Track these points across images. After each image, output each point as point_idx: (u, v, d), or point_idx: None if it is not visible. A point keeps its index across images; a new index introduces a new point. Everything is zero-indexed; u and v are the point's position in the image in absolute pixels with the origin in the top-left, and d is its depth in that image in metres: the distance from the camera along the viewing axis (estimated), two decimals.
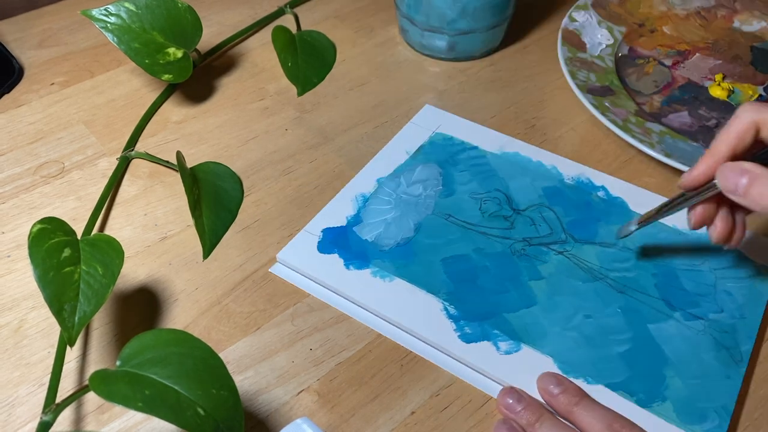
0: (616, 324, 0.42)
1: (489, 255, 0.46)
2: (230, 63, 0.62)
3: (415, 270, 0.45)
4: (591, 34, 0.61)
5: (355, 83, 0.60)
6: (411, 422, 0.38)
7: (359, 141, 0.54)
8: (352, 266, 0.45)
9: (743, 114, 0.38)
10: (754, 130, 0.37)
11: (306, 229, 0.47)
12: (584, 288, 0.44)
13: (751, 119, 0.37)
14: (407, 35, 0.63)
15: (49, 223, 0.39)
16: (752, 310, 0.43)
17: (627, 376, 0.40)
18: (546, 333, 0.42)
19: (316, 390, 0.40)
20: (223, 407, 0.33)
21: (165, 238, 0.47)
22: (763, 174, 0.35)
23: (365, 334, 0.42)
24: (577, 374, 0.40)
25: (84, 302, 0.37)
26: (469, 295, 0.43)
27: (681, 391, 0.39)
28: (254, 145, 0.54)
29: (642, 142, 0.50)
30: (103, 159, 0.53)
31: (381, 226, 0.47)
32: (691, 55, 0.61)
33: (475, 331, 0.42)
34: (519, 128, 0.55)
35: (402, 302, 0.43)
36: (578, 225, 0.47)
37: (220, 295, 0.44)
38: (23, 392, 0.39)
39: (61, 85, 0.59)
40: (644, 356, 0.41)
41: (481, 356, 0.40)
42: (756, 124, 0.37)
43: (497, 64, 0.62)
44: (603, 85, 0.56)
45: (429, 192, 0.49)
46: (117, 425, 0.38)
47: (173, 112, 0.57)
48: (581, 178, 0.50)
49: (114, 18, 0.53)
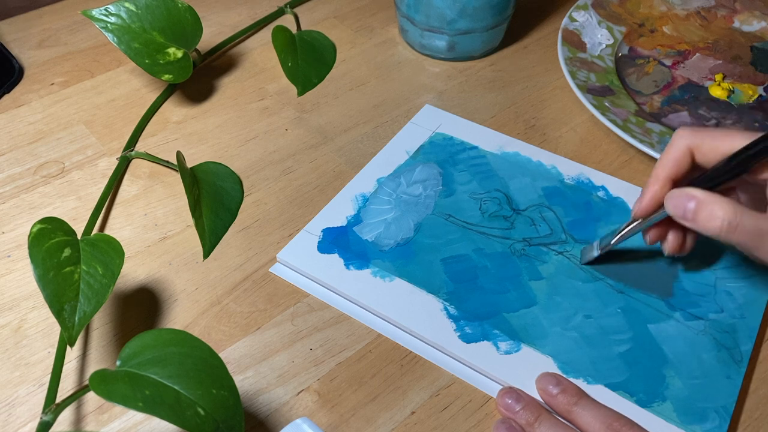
0: (616, 324, 0.42)
1: (489, 255, 0.46)
2: (230, 63, 0.62)
3: (415, 270, 0.45)
4: (591, 34, 0.61)
5: (355, 83, 0.60)
6: (411, 422, 0.38)
7: (359, 141, 0.54)
8: (352, 266, 0.45)
9: (678, 140, 0.39)
10: (689, 156, 0.39)
11: (306, 229, 0.47)
12: (584, 288, 0.44)
13: (686, 146, 0.39)
14: (407, 35, 0.63)
15: (49, 223, 0.39)
16: (752, 310, 0.43)
17: (627, 376, 0.40)
18: (546, 333, 0.42)
19: (316, 390, 0.40)
20: (223, 407, 0.33)
21: (165, 238, 0.47)
22: (708, 199, 0.37)
23: (365, 334, 0.42)
24: (577, 374, 0.40)
25: (84, 302, 0.37)
26: (469, 295, 0.43)
27: (681, 391, 0.39)
28: (254, 145, 0.54)
29: (642, 142, 0.50)
30: (103, 159, 0.53)
31: (381, 226, 0.47)
32: (691, 55, 0.61)
33: (475, 331, 0.42)
34: (519, 128, 0.55)
35: (402, 302, 0.43)
36: (578, 225, 0.47)
37: (220, 294, 0.44)
38: (23, 392, 0.39)
39: (61, 85, 0.59)
40: (644, 356, 0.41)
41: (481, 356, 0.40)
42: (690, 149, 0.39)
43: (497, 64, 0.62)
44: (603, 85, 0.56)
45: (429, 192, 0.49)
46: (117, 425, 0.38)
47: (173, 112, 0.57)
48: (581, 178, 0.50)
49: (114, 18, 0.53)
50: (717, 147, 0.38)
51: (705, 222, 0.36)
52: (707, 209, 0.36)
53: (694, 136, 0.39)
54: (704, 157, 0.39)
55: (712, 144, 0.38)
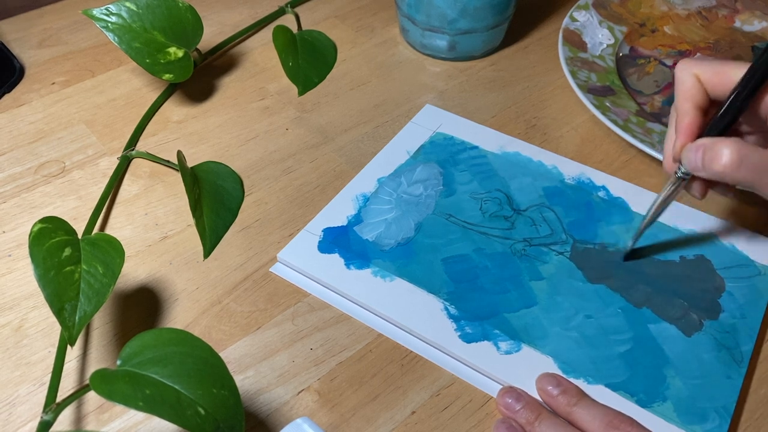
0: (617, 324, 0.42)
1: (489, 255, 0.46)
2: (231, 63, 0.62)
3: (415, 270, 0.45)
4: (592, 34, 0.61)
5: (356, 83, 0.60)
6: (411, 422, 0.38)
7: (360, 141, 0.54)
8: (353, 266, 0.45)
9: (682, 72, 0.40)
10: (699, 83, 0.39)
11: (306, 229, 0.47)
12: (585, 288, 0.44)
13: (691, 73, 0.40)
14: (408, 35, 0.63)
15: (49, 223, 0.39)
16: (753, 310, 0.43)
17: (627, 376, 0.40)
18: (546, 333, 0.42)
19: (317, 389, 0.40)
20: (223, 407, 0.33)
21: (166, 238, 0.47)
22: (712, 142, 0.37)
23: (366, 334, 0.42)
24: (578, 374, 0.40)
25: (84, 302, 0.37)
26: (469, 295, 0.43)
27: (681, 391, 0.39)
28: (255, 144, 0.54)
29: (643, 142, 0.50)
30: (104, 158, 0.53)
31: (382, 225, 0.47)
32: (692, 55, 0.61)
33: (476, 330, 0.42)
34: (520, 128, 0.55)
35: (402, 302, 0.43)
36: (578, 225, 0.47)
37: (220, 294, 0.44)
38: (24, 391, 0.39)
39: (61, 85, 0.59)
40: (644, 356, 0.40)
41: (481, 356, 0.40)
42: (697, 77, 0.40)
43: (498, 63, 0.62)
44: (604, 85, 0.56)
45: (429, 192, 0.49)
46: (117, 425, 0.38)
47: (174, 112, 0.57)
48: (582, 178, 0.50)
49: (115, 17, 0.53)
50: (723, 72, 0.39)
51: (711, 163, 0.37)
52: (712, 151, 0.37)
53: (697, 65, 0.39)
54: (712, 86, 0.39)
55: (716, 69, 0.39)
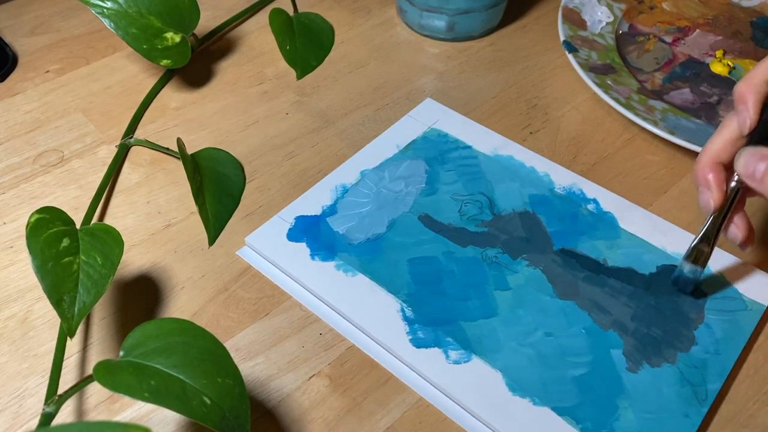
0: (577, 345, 0.40)
1: (458, 260, 0.44)
2: (228, 47, 0.61)
3: (379, 267, 0.43)
4: (591, 12, 0.61)
5: (355, 65, 0.59)
6: (423, 404, 0.38)
7: (361, 124, 0.54)
8: (317, 257, 0.44)
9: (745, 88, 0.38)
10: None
11: (279, 215, 0.46)
12: (551, 304, 0.42)
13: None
14: (405, 16, 0.62)
15: (47, 213, 0.39)
16: (729, 346, 0.40)
17: (576, 402, 0.37)
18: (500, 346, 0.40)
19: (328, 374, 0.40)
20: (228, 395, 0.33)
21: (169, 226, 0.47)
22: None
23: None
24: (524, 393, 0.38)
25: (83, 293, 0.37)
26: (429, 298, 0.42)
27: (632, 424, 0.37)
28: (255, 130, 0.54)
29: (646, 119, 0.50)
30: (102, 147, 0.52)
31: (355, 219, 0.46)
32: (691, 32, 0.61)
33: (428, 336, 0.40)
34: (521, 108, 0.55)
35: (360, 299, 0.42)
36: (560, 237, 0.45)
37: (227, 281, 0.44)
38: (32, 384, 0.39)
39: (56, 73, 0.58)
40: (599, 383, 0.38)
41: (428, 363, 0.39)
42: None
43: (497, 43, 0.62)
44: (604, 63, 0.56)
45: (410, 189, 0.48)
46: (129, 414, 0.38)
47: (172, 98, 0.56)
48: (573, 188, 0.48)
49: (110, 3, 0.52)
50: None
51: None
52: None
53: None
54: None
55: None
